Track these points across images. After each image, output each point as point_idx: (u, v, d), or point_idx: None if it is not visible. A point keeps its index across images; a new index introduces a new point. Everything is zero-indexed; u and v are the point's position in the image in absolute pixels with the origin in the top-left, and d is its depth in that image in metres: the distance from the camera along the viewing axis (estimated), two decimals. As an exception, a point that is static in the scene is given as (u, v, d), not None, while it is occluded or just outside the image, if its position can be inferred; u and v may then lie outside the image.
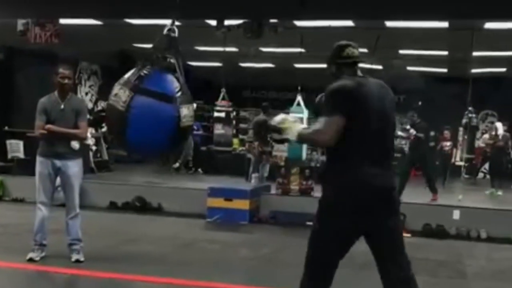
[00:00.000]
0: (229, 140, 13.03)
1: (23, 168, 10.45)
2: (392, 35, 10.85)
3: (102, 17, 10.37)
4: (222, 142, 12.83)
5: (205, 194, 8.96)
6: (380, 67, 13.60)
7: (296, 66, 15.08)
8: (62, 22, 10.07)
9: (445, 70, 15.84)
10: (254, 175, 11.19)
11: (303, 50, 12.08)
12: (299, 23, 10.21)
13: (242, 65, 15.95)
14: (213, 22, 9.69)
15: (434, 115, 12.93)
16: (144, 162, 14.28)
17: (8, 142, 12.51)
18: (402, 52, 13.49)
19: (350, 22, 9.89)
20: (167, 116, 5.13)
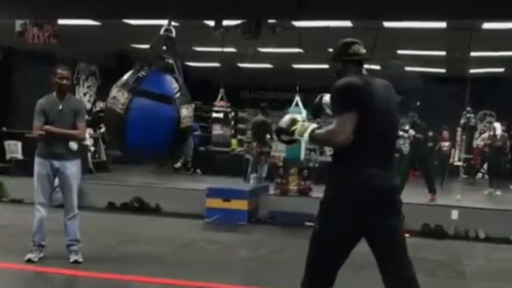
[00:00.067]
0: (227, 140, 13.03)
1: (22, 169, 10.44)
2: (390, 36, 10.85)
3: (100, 17, 10.37)
4: (220, 142, 12.84)
5: (203, 195, 8.96)
6: (378, 68, 13.60)
7: (294, 66, 15.04)
8: (60, 22, 10.08)
9: (443, 70, 15.85)
10: (252, 176, 11.18)
11: (302, 51, 12.06)
12: (297, 24, 10.18)
13: (240, 65, 15.96)
14: (211, 23, 9.70)
15: (432, 115, 12.93)
16: (142, 163, 14.25)
17: (6, 143, 12.51)
18: (400, 52, 13.51)
19: (348, 23, 9.87)
20: (167, 117, 5.06)
